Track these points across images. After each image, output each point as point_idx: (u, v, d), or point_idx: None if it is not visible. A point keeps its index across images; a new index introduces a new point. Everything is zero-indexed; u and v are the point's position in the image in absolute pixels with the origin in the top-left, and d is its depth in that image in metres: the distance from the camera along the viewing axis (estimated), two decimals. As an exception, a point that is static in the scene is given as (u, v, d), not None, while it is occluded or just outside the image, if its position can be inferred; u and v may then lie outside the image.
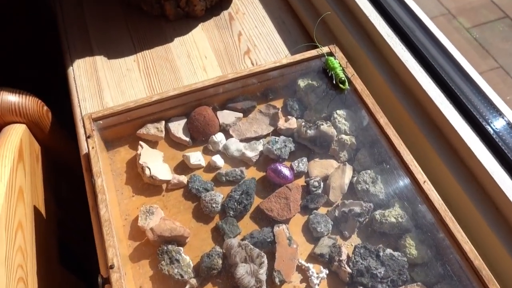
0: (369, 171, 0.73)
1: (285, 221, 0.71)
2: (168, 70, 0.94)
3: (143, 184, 0.76)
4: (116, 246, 0.63)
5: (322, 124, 0.77)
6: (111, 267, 0.61)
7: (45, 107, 0.92)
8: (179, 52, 0.98)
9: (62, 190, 1.00)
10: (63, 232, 0.92)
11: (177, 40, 1.00)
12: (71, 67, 0.96)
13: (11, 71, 1.22)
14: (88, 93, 0.91)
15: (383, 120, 0.74)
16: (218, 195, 0.72)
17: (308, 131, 0.77)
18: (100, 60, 0.97)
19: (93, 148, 0.72)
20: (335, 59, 0.81)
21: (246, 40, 0.99)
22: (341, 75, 0.79)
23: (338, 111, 0.79)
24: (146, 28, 1.03)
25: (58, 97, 1.05)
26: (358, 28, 0.88)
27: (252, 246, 0.66)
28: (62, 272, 0.87)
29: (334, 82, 0.79)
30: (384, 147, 0.73)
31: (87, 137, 0.74)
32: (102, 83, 0.93)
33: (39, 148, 0.92)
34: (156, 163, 0.76)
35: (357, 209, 0.70)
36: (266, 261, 0.65)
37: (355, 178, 0.74)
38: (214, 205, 0.71)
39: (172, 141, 0.81)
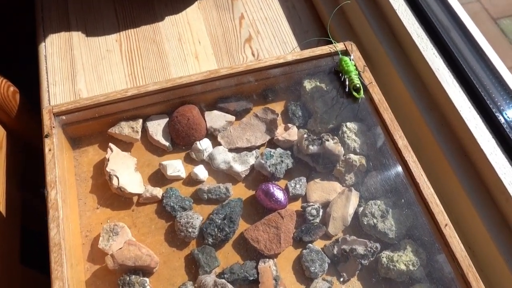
0: (379, 202, 0.62)
1: (273, 256, 0.60)
2: (155, 54, 0.82)
3: (111, 194, 0.65)
4: (65, 278, 0.52)
5: (328, 140, 0.65)
6: (56, 305, 0.51)
7: (12, 88, 0.80)
8: (169, 34, 0.85)
9: (28, 174, 0.89)
10: (28, 217, 0.83)
11: (168, 20, 0.87)
12: (43, 43, 0.84)
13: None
14: (60, 75, 0.79)
15: (401, 141, 0.63)
16: (197, 217, 0.61)
17: (311, 146, 0.65)
18: (77, 36, 0.84)
19: (50, 150, 0.60)
20: (350, 60, 0.69)
21: (248, 25, 0.86)
22: (356, 81, 0.66)
23: (348, 124, 0.68)
24: (134, 2, 0.89)
25: (32, 76, 0.93)
26: (382, 23, 0.75)
27: (230, 286, 0.55)
28: (23, 270, 0.78)
29: (347, 88, 0.68)
30: (400, 175, 0.62)
31: (44, 136, 0.61)
32: (76, 65, 0.81)
33: (4, 133, 0.81)
34: (127, 171, 0.65)
35: (360, 249, 0.59)
36: (245, 307, 0.54)
37: (362, 209, 0.63)
38: (191, 230, 0.60)
39: (150, 144, 0.70)
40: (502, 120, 0.59)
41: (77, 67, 0.80)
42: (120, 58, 0.81)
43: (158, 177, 0.67)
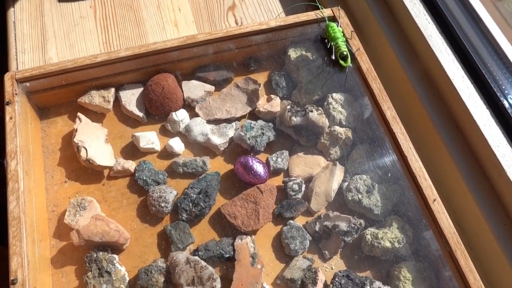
0: (364, 177, 0.59)
1: (251, 232, 0.57)
2: (132, 21, 0.78)
3: (79, 167, 0.62)
4: (24, 253, 0.49)
5: (312, 111, 0.61)
6: (13, 282, 0.47)
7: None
8: (147, 0, 0.80)
9: None
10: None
11: None
12: (12, 9, 0.79)
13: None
14: (29, 43, 0.75)
15: (390, 112, 0.59)
16: (170, 192, 0.58)
17: (294, 117, 0.61)
18: (48, 2, 0.80)
19: (11, 118, 0.56)
20: (338, 27, 0.65)
21: None
22: (343, 48, 0.63)
23: (334, 95, 0.64)
24: (110, -35, 0.84)
25: None
26: None
27: (203, 264, 0.52)
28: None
29: (333, 56, 0.64)
30: (388, 147, 0.59)
31: (6, 104, 0.57)
32: (47, 32, 0.76)
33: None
34: (97, 142, 0.61)
35: (343, 225, 0.55)
36: (219, 286, 0.51)
37: (346, 184, 0.60)
38: (163, 204, 0.57)
39: (122, 115, 0.67)
40: (497, 90, 0.55)
41: (48, 35, 0.75)
42: (95, 25, 0.77)
43: (131, 150, 0.63)
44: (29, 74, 0.60)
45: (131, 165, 0.61)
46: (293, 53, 0.68)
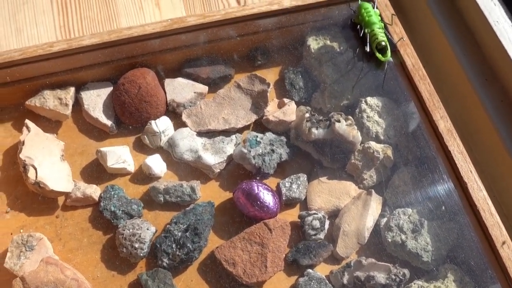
0: (409, 211, 0.61)
1: (255, 285, 0.59)
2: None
3: (27, 192, 0.64)
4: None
5: (339, 121, 0.64)
6: None
7: None
8: None
9: None
10: None
11: None
12: None
13: None
14: (-37, 26, 0.76)
15: (444, 123, 0.61)
16: (147, 228, 0.60)
17: (315, 129, 0.64)
18: None
19: None
20: (374, 8, 0.67)
21: None
22: (381, 37, 0.65)
23: (368, 100, 0.67)
24: None
25: None
26: None
27: (191, 327, 0.52)
28: None
29: (368, 48, 0.66)
30: (441, 171, 0.61)
31: None
32: None
33: None
34: (50, 160, 0.63)
35: (380, 277, 0.57)
36: None
37: (385, 220, 0.62)
38: (137, 245, 0.58)
39: (85, 123, 0.69)
40: None
41: (-12, 15, 0.78)
42: (49, 3, 0.79)
43: (95, 170, 0.65)
44: (-38, 68, 0.62)
45: (94, 191, 0.62)
46: (313, 43, 0.70)
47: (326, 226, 0.61)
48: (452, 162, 0.59)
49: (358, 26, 0.67)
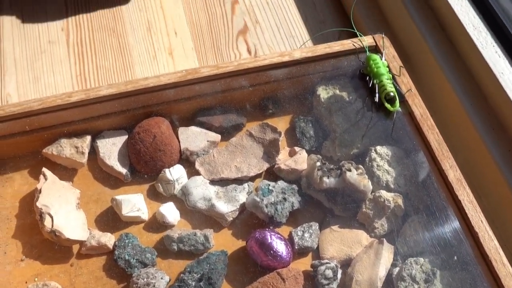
0: (421, 260, 0.61)
1: None
2: (114, 49, 0.83)
3: (42, 240, 0.64)
4: None
5: (350, 170, 0.64)
6: None
7: None
8: (134, 21, 0.86)
9: None
10: None
11: (134, 2, 0.88)
12: (-38, 31, 0.84)
13: None
14: (-18, 75, 0.79)
15: (453, 173, 0.62)
16: (161, 277, 0.60)
17: (326, 178, 0.64)
18: (9, 23, 0.85)
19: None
20: (382, 60, 0.69)
21: (243, 12, 0.88)
22: (390, 87, 0.66)
23: (378, 149, 0.67)
24: (89, -23, 0.90)
25: None
26: (424, 11, 0.76)
27: None
28: None
29: (377, 98, 0.67)
30: (452, 220, 0.61)
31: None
32: (6, 61, 0.81)
33: None
34: (66, 208, 0.64)
35: None
36: None
37: (397, 270, 0.61)
38: None
39: (100, 171, 0.70)
40: None
41: (7, 64, 0.80)
42: (67, 52, 0.82)
43: (110, 218, 0.66)
44: (-17, 118, 0.63)
45: (109, 239, 0.63)
46: (323, 93, 0.71)
47: (339, 275, 0.60)
48: (462, 212, 0.59)
49: (367, 77, 0.68)
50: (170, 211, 0.64)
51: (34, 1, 0.87)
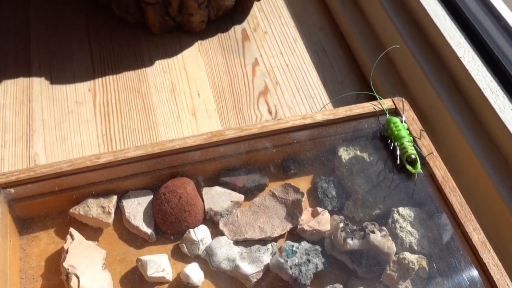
0: None
1: None
2: (139, 109, 0.85)
3: None
4: None
5: (374, 232, 0.64)
6: None
7: None
8: (159, 83, 0.88)
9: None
10: None
11: (158, 64, 0.91)
12: (-7, 92, 0.87)
13: None
14: (12, 135, 0.82)
15: (477, 236, 0.62)
16: None
17: (350, 240, 0.64)
18: (38, 84, 0.88)
19: (-12, 237, 0.59)
20: (402, 123, 0.70)
21: (264, 74, 0.90)
22: (411, 150, 0.67)
23: (400, 210, 0.67)
24: (116, 41, 0.94)
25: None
26: (442, 75, 0.77)
27: None
28: None
29: (398, 160, 0.68)
30: (478, 283, 0.60)
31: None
32: (35, 121, 0.83)
33: None
34: (93, 268, 0.64)
35: None
36: None
37: None
38: None
39: (125, 231, 0.70)
40: None
41: (35, 124, 0.82)
42: (93, 113, 0.84)
43: (135, 279, 0.65)
44: (15, 178, 0.65)
45: (134, 300, 0.62)
46: (344, 154, 0.72)
47: None
48: (488, 275, 0.58)
49: (388, 139, 0.69)
50: (194, 272, 0.64)
51: (63, 63, 0.90)
